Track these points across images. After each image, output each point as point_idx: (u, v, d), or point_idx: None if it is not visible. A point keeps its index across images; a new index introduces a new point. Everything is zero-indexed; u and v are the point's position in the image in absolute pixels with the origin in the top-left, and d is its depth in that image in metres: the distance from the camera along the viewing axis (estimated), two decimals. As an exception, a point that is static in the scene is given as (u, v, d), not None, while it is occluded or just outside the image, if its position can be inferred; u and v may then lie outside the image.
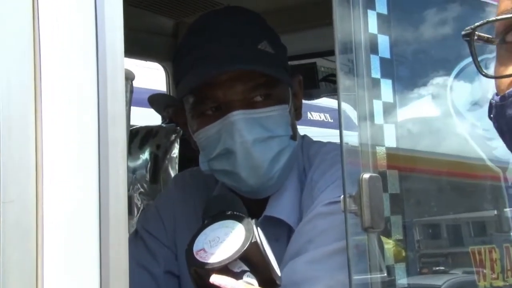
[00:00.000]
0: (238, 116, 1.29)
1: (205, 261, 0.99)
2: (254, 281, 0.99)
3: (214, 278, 0.97)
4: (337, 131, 1.03)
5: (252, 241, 1.00)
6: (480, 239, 1.45)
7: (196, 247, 1.02)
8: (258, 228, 1.04)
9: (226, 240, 1.01)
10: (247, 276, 0.98)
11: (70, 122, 0.72)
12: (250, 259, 1.00)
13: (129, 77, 0.85)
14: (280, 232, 1.38)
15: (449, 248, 1.44)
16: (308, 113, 6.60)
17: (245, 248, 0.99)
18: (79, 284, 0.71)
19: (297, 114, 1.45)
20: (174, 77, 1.46)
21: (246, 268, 1.00)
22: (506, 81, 0.72)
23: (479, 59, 0.75)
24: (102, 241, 0.73)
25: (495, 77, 0.76)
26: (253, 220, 1.05)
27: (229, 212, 1.07)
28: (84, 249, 0.72)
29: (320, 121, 6.68)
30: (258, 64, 1.32)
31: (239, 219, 1.05)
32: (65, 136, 0.72)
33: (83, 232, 0.72)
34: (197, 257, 1.00)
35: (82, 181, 0.72)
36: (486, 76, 0.76)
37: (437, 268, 1.38)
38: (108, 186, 0.73)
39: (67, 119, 0.72)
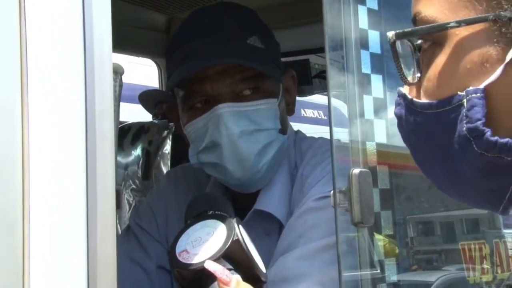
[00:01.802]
0: (224, 109, 1.30)
1: (188, 262, 0.99)
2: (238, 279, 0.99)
3: (208, 264, 0.97)
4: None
5: (234, 239, 1.00)
6: (471, 235, 1.45)
7: (178, 248, 1.02)
8: (240, 226, 1.03)
9: (208, 240, 1.01)
10: (231, 274, 0.98)
11: (57, 116, 0.71)
12: (233, 257, 1.00)
13: (118, 71, 0.84)
14: (270, 227, 1.38)
15: (440, 244, 1.44)
16: (302, 110, 6.60)
17: (226, 247, 0.99)
18: (66, 278, 0.71)
19: (289, 109, 1.46)
20: (166, 71, 1.47)
21: (229, 267, 0.99)
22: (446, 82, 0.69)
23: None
24: (90, 236, 0.72)
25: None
26: (235, 219, 1.05)
27: (211, 212, 1.07)
28: (71, 243, 0.71)
29: (314, 118, 6.69)
30: (245, 58, 1.32)
31: (221, 218, 1.04)
32: (52, 130, 0.71)
33: (70, 227, 0.72)
34: (180, 258, 1.00)
35: (69, 175, 0.72)
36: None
37: (427, 264, 1.38)
38: (96, 180, 0.73)
39: (54, 113, 0.71)
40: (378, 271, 1.10)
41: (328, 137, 1.30)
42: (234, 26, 1.37)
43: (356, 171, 1.00)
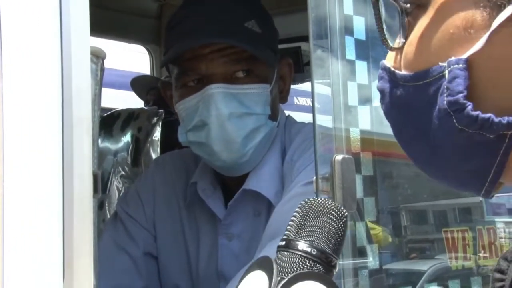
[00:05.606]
0: (216, 89, 1.31)
1: None
2: None
3: None
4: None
5: None
6: (455, 222, 1.45)
7: None
8: None
9: None
10: None
11: (33, 98, 0.71)
12: None
13: (100, 55, 0.83)
14: (260, 207, 1.40)
15: (425, 233, 1.44)
16: (295, 98, 6.59)
17: None
18: (41, 263, 0.70)
19: (282, 97, 1.47)
20: (163, 48, 1.49)
21: None
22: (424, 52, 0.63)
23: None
24: (66, 219, 0.72)
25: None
26: None
27: None
28: (46, 228, 0.71)
29: (307, 106, 6.67)
30: (240, 40, 1.34)
31: None
32: (27, 111, 0.70)
33: (45, 210, 0.71)
34: None
35: (44, 157, 0.71)
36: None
37: (417, 252, 1.38)
38: (72, 162, 0.72)
39: (29, 94, 0.71)
40: (359, 256, 1.10)
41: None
42: (234, 8, 1.39)
43: (339, 157, 0.99)
